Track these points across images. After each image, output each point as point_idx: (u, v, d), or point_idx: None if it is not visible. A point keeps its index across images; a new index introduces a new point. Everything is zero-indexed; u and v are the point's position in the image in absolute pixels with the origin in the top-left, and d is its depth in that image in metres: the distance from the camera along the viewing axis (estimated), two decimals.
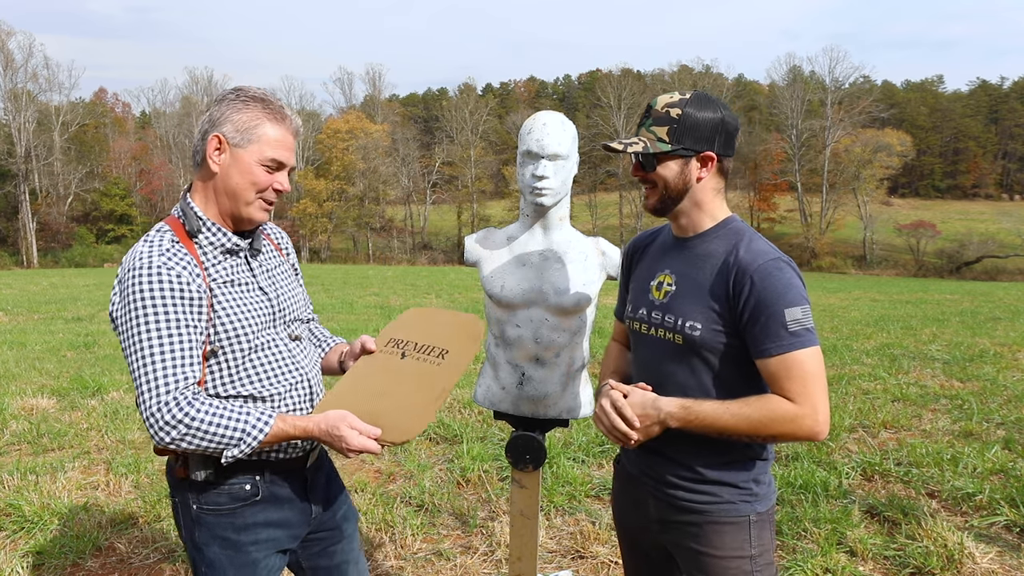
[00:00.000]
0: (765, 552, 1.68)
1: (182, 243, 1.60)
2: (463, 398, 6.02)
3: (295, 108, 2.05)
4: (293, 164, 1.69)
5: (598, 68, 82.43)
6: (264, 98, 1.64)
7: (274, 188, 1.65)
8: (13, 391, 6.72)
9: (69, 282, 26.93)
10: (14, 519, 3.68)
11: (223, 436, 1.51)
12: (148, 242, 1.58)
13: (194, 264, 1.58)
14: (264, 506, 1.70)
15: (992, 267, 45.34)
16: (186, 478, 1.66)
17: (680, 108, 1.60)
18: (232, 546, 1.68)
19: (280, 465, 1.71)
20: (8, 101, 51.90)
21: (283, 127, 1.64)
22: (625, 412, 1.59)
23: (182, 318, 1.52)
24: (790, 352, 1.51)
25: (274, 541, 1.73)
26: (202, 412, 1.50)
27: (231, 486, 1.66)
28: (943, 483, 4.11)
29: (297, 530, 1.79)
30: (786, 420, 1.52)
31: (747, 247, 1.60)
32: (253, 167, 1.61)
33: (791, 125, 56.05)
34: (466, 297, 18.00)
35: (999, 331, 10.78)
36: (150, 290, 1.50)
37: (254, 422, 1.53)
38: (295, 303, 1.83)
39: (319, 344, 2.00)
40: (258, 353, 1.66)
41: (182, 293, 1.53)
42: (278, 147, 1.63)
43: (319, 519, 1.85)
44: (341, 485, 1.97)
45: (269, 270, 1.78)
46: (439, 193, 63.75)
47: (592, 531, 3.57)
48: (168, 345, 1.51)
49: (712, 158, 1.62)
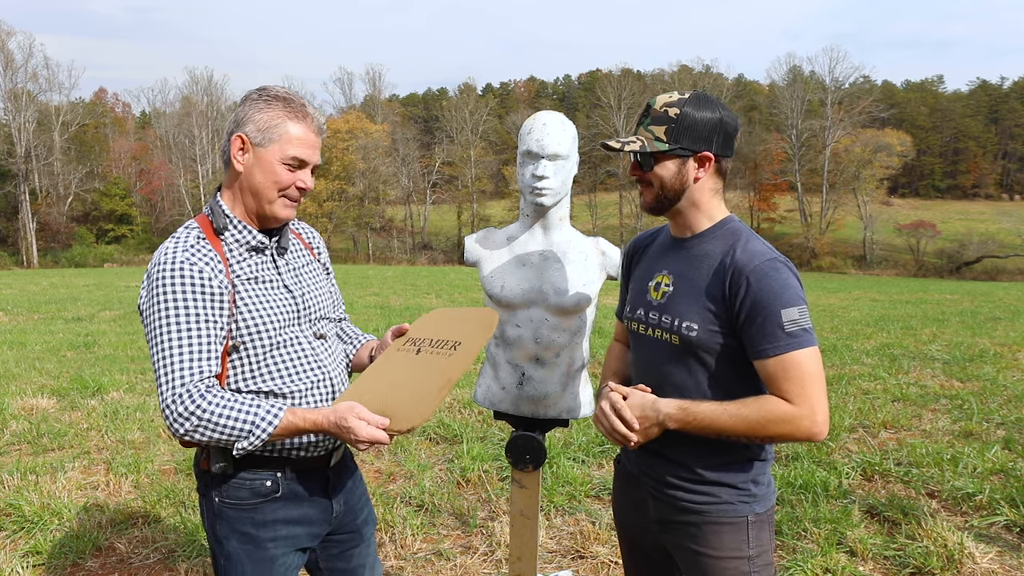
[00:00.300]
0: (763, 553, 1.68)
1: (208, 240, 1.63)
2: (463, 398, 6.02)
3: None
4: (316, 162, 1.69)
5: (598, 68, 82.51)
6: (286, 97, 1.65)
7: (297, 186, 1.67)
8: (13, 391, 6.72)
9: (69, 282, 26.94)
10: (14, 519, 3.68)
11: (233, 428, 1.53)
12: (175, 239, 1.62)
13: (218, 260, 1.61)
14: (284, 503, 1.71)
15: (992, 267, 45.33)
16: (208, 471, 1.68)
17: (678, 108, 1.59)
18: (251, 541, 1.70)
19: (301, 463, 1.72)
20: (8, 101, 51.91)
21: (304, 125, 1.65)
22: (624, 414, 1.59)
23: (201, 313, 1.55)
24: (787, 353, 1.51)
25: (293, 539, 1.74)
26: (213, 404, 1.52)
27: (252, 481, 1.68)
28: (943, 483, 4.11)
29: (317, 529, 1.79)
30: (784, 421, 1.51)
31: (743, 247, 1.60)
32: (275, 166, 1.63)
33: (791, 125, 56.04)
34: (466, 297, 18.00)
35: (999, 331, 10.78)
36: (172, 285, 1.54)
37: (263, 415, 1.54)
38: (321, 302, 1.83)
39: (349, 342, 2.00)
40: (280, 350, 1.68)
41: (203, 288, 1.56)
42: (299, 145, 1.64)
43: (340, 520, 1.85)
44: (365, 490, 1.98)
45: (296, 269, 1.79)
46: (439, 193, 63.75)
47: (592, 531, 3.57)
48: (187, 339, 1.54)
49: (710, 158, 1.62)
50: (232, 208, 1.68)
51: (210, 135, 58.84)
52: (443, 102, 69.35)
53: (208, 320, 1.56)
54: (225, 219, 1.66)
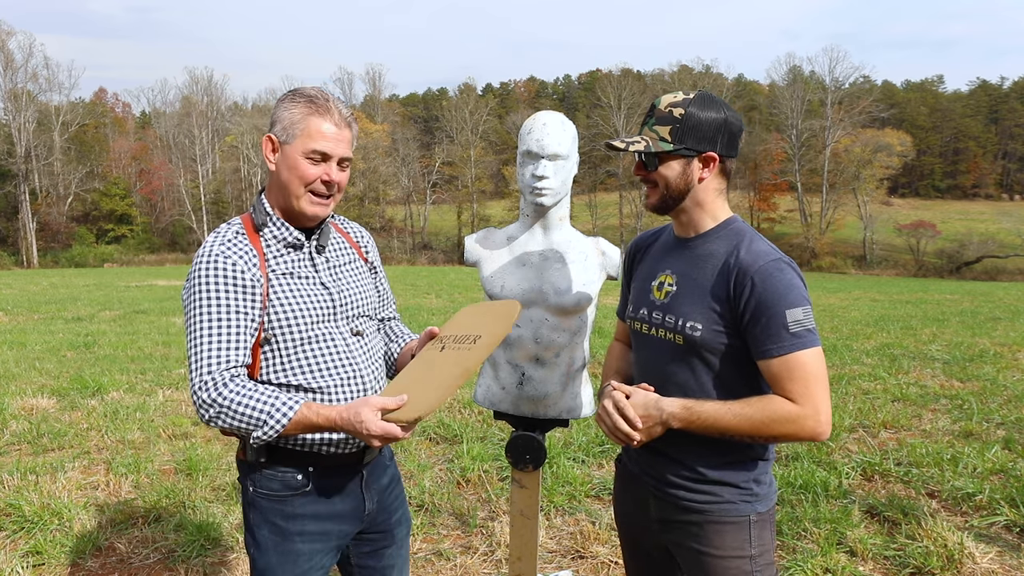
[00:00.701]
0: (765, 552, 1.68)
1: (247, 236, 1.69)
2: (463, 398, 6.02)
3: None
4: (341, 154, 1.69)
5: (598, 68, 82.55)
6: (312, 95, 1.68)
7: (323, 180, 1.67)
8: (13, 391, 6.72)
9: (69, 282, 26.95)
10: (14, 519, 3.68)
11: (249, 417, 1.55)
12: (216, 233, 1.70)
13: (253, 254, 1.66)
14: (314, 499, 1.73)
15: (992, 267, 45.32)
16: (245, 460, 1.73)
17: (683, 108, 1.59)
18: (280, 532, 1.72)
19: (332, 459, 1.73)
20: (8, 101, 51.95)
21: (327, 119, 1.66)
22: (627, 413, 1.59)
23: (232, 304, 1.61)
24: (792, 353, 1.51)
25: (323, 535, 1.75)
26: (234, 393, 1.56)
27: (283, 474, 1.71)
28: (943, 483, 4.10)
29: (347, 527, 1.80)
30: (788, 421, 1.52)
31: (748, 248, 1.60)
32: (299, 161, 1.66)
33: (791, 125, 56.05)
34: (466, 297, 18.01)
35: (999, 331, 10.78)
36: (206, 278, 1.61)
37: (279, 406, 1.56)
38: (362, 300, 1.84)
39: (394, 340, 2.01)
40: (311, 345, 1.70)
41: (235, 281, 1.62)
42: (320, 138, 1.65)
43: (372, 519, 1.85)
44: (401, 491, 1.98)
45: (337, 266, 1.81)
46: (439, 193, 63.73)
47: (592, 531, 3.57)
48: (216, 329, 1.59)
49: (714, 159, 1.62)
50: (272, 207, 1.73)
51: (210, 135, 58.87)
52: (443, 102, 69.34)
53: (239, 311, 1.61)
54: (265, 216, 1.72)
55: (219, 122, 60.69)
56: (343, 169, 1.71)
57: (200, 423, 5.54)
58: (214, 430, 5.33)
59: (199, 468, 4.40)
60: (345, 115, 1.69)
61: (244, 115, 60.93)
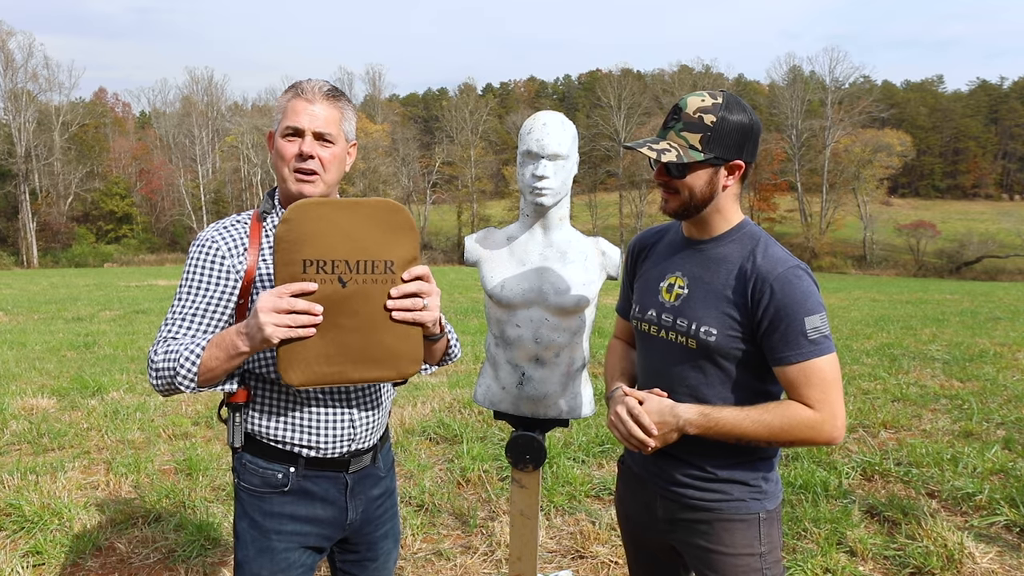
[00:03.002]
0: (774, 549, 1.69)
1: (249, 224, 1.74)
2: (463, 398, 6.02)
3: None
4: (316, 128, 1.65)
5: (598, 68, 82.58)
6: (297, 82, 1.72)
7: (298, 155, 1.66)
8: (13, 391, 6.72)
9: (69, 282, 26.94)
10: (14, 519, 3.68)
11: (166, 369, 1.56)
12: (218, 220, 1.78)
13: (244, 241, 1.70)
14: (293, 499, 1.72)
15: (992, 267, 45.33)
16: (231, 446, 1.76)
17: (714, 115, 1.55)
18: (257, 528, 1.73)
19: (313, 463, 1.73)
20: (8, 101, 51.96)
21: (301, 98, 1.68)
22: (642, 420, 1.58)
23: (203, 284, 1.66)
24: (810, 360, 1.52)
25: (300, 536, 1.74)
26: (161, 353, 1.59)
27: (264, 470, 1.72)
28: (943, 483, 4.10)
29: (327, 531, 1.78)
30: (806, 427, 1.52)
31: (764, 254, 1.59)
32: (279, 142, 1.70)
33: (791, 125, 56.05)
34: (466, 297, 18.01)
35: (999, 331, 10.77)
36: (191, 257, 1.69)
37: (187, 352, 1.55)
38: None
39: None
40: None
41: (212, 264, 1.66)
42: (292, 114, 1.67)
43: (355, 528, 1.84)
44: (395, 504, 1.96)
45: None
46: (439, 193, 63.73)
47: (592, 531, 3.56)
48: (181, 304, 1.66)
49: (741, 166, 1.60)
50: (278, 198, 1.79)
51: (210, 135, 58.86)
52: (443, 102, 69.36)
53: (206, 291, 1.65)
54: (270, 205, 1.77)
55: (219, 122, 60.69)
56: (324, 145, 1.67)
57: (196, 422, 5.54)
58: (214, 430, 5.33)
59: (199, 468, 4.40)
60: (323, 90, 1.68)
61: (244, 115, 60.95)
